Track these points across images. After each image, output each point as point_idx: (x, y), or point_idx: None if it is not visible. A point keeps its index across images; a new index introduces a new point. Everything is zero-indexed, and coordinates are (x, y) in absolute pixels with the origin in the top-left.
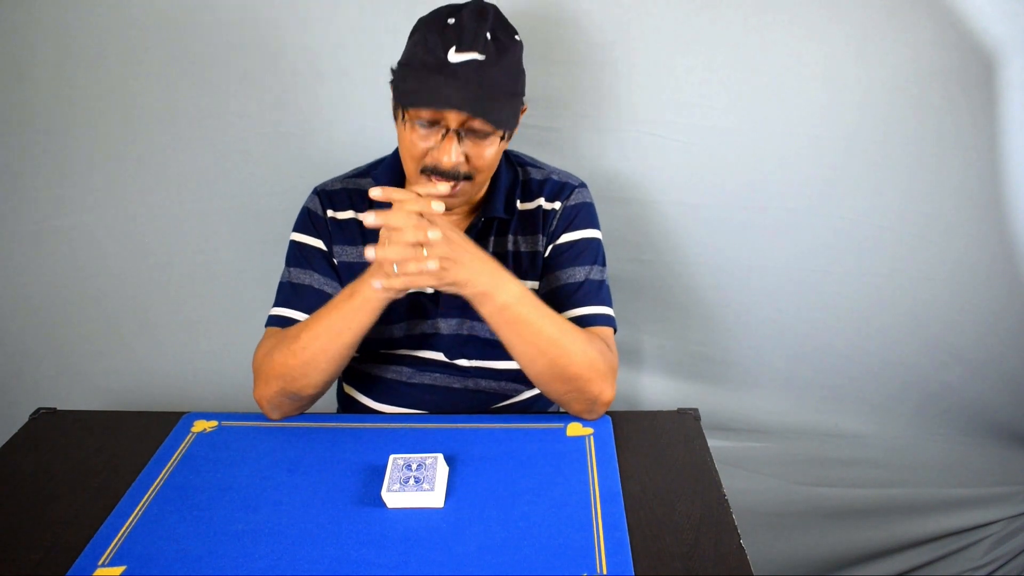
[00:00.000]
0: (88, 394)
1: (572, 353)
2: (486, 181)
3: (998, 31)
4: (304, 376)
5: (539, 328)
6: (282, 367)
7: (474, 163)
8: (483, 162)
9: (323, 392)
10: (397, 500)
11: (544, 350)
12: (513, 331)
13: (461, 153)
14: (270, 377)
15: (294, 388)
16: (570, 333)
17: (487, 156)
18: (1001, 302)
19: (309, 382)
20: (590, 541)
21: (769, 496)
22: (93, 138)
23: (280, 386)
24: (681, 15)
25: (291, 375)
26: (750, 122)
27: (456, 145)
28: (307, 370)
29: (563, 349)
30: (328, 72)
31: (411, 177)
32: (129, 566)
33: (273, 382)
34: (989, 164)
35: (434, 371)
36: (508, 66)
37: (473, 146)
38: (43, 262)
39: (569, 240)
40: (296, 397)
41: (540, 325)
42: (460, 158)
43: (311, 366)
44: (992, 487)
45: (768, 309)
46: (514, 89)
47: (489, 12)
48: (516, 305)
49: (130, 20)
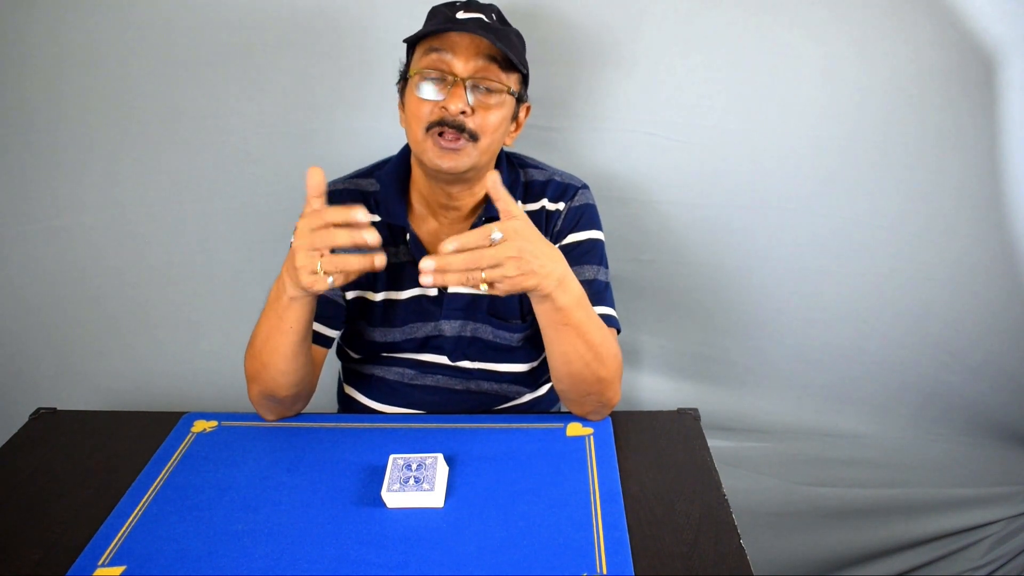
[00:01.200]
0: (88, 394)
1: (606, 358)
2: (489, 154)
3: (998, 31)
4: (271, 378)
5: (587, 331)
6: (250, 370)
7: (479, 122)
8: (488, 123)
9: (300, 393)
10: (397, 500)
11: (583, 354)
12: (562, 333)
13: (468, 104)
14: (250, 379)
15: (268, 390)
16: (609, 338)
17: (492, 119)
18: (1001, 302)
19: (277, 384)
20: (590, 541)
21: (769, 496)
22: (93, 138)
23: (258, 388)
24: (681, 15)
25: (259, 377)
26: (750, 122)
27: (463, 92)
28: (270, 372)
29: (599, 355)
30: (328, 72)
31: (417, 145)
32: (129, 566)
33: (253, 384)
34: (989, 164)
35: (436, 373)
36: (513, 33)
37: (479, 103)
38: (43, 262)
39: (574, 241)
40: (274, 399)
41: (588, 328)
42: (467, 107)
43: (271, 367)
44: (992, 487)
45: (768, 309)
46: (521, 50)
47: (494, 6)
48: (574, 309)
49: (129, 20)
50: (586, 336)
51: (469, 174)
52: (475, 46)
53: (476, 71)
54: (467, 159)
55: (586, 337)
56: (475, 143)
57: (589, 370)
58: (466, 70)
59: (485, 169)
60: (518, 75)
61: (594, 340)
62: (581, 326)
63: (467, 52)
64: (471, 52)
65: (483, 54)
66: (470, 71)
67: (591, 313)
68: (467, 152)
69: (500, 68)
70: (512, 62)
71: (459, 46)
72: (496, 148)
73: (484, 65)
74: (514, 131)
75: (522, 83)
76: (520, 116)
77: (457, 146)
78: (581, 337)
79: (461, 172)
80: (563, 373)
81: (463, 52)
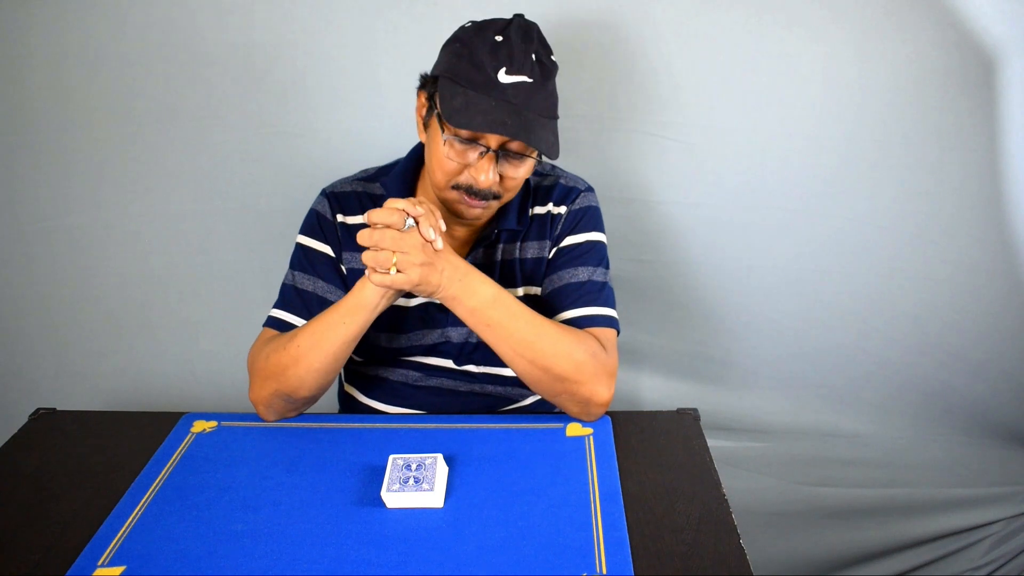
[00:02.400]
0: (88, 394)
1: (553, 355)
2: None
3: (998, 31)
4: (298, 376)
5: (512, 330)
6: (276, 366)
7: (506, 184)
8: (515, 183)
9: (317, 395)
10: (397, 500)
11: (521, 352)
12: (490, 334)
13: (497, 173)
14: (265, 377)
15: (288, 388)
16: (550, 335)
17: (520, 176)
18: (1001, 302)
19: (303, 383)
20: (590, 541)
21: (769, 496)
22: (93, 138)
23: (275, 387)
24: (681, 16)
25: (285, 375)
26: (750, 122)
27: (494, 166)
28: (301, 370)
29: (540, 351)
30: (328, 72)
31: (439, 190)
32: (129, 566)
33: (268, 382)
34: (989, 164)
35: (441, 376)
36: (551, 90)
37: (509, 167)
38: (43, 262)
39: (573, 242)
40: (290, 399)
41: (513, 327)
42: (495, 179)
43: (304, 365)
44: (992, 487)
45: (768, 309)
46: (555, 112)
47: (534, 32)
48: (487, 309)
49: (130, 20)
50: (514, 334)
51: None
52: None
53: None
54: (491, 212)
55: (517, 336)
56: (499, 199)
57: (538, 369)
58: (498, 141)
59: None
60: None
61: (526, 337)
62: (505, 325)
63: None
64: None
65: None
66: (502, 142)
67: (518, 313)
68: (492, 207)
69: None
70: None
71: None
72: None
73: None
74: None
75: None
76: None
77: (484, 206)
78: (510, 336)
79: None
80: (520, 375)
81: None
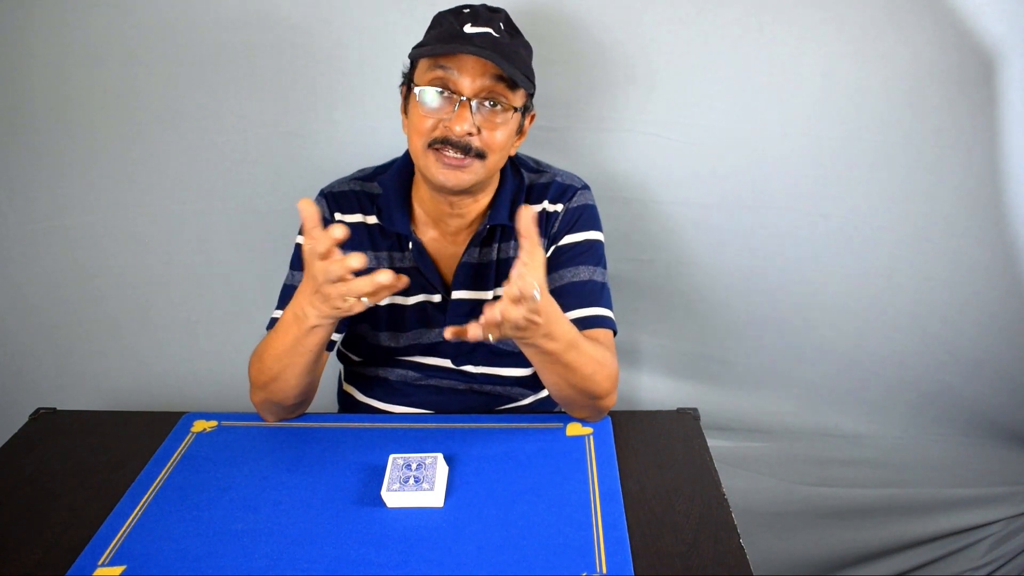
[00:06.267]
0: (88, 394)
1: (601, 381)
2: (495, 170)
3: (998, 31)
4: (279, 390)
5: (577, 367)
6: (258, 380)
7: (485, 140)
8: (494, 142)
9: (309, 398)
10: (397, 500)
11: (574, 383)
12: (552, 369)
13: (474, 125)
14: (256, 387)
15: (275, 399)
16: (604, 364)
17: (498, 137)
18: (1000, 302)
19: (287, 395)
20: (590, 541)
21: (769, 496)
22: (93, 138)
23: (264, 396)
24: (681, 15)
25: (268, 388)
26: (750, 122)
27: (469, 113)
28: (281, 383)
29: (593, 379)
30: (328, 72)
31: (418, 157)
32: (129, 566)
33: (259, 392)
34: (988, 164)
35: (440, 375)
36: (521, 45)
37: (485, 122)
38: (43, 262)
39: (572, 242)
40: (280, 406)
41: (580, 364)
42: (473, 128)
43: (281, 381)
44: (992, 487)
45: (768, 309)
46: (528, 66)
47: (501, 11)
48: (563, 353)
49: (130, 20)
50: (578, 371)
51: (473, 188)
52: (482, 67)
53: (482, 90)
54: (472, 176)
55: (578, 372)
56: (482, 160)
57: (578, 392)
58: (472, 89)
59: (488, 181)
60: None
61: (585, 372)
62: (571, 364)
63: (474, 72)
64: (478, 72)
65: (490, 74)
66: (476, 90)
67: (583, 350)
68: (473, 169)
69: (507, 87)
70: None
71: (466, 65)
72: (502, 163)
73: (491, 84)
74: (518, 139)
75: (528, 97)
76: (525, 125)
77: (463, 164)
78: (571, 373)
79: (465, 188)
80: (553, 392)
81: (470, 72)
